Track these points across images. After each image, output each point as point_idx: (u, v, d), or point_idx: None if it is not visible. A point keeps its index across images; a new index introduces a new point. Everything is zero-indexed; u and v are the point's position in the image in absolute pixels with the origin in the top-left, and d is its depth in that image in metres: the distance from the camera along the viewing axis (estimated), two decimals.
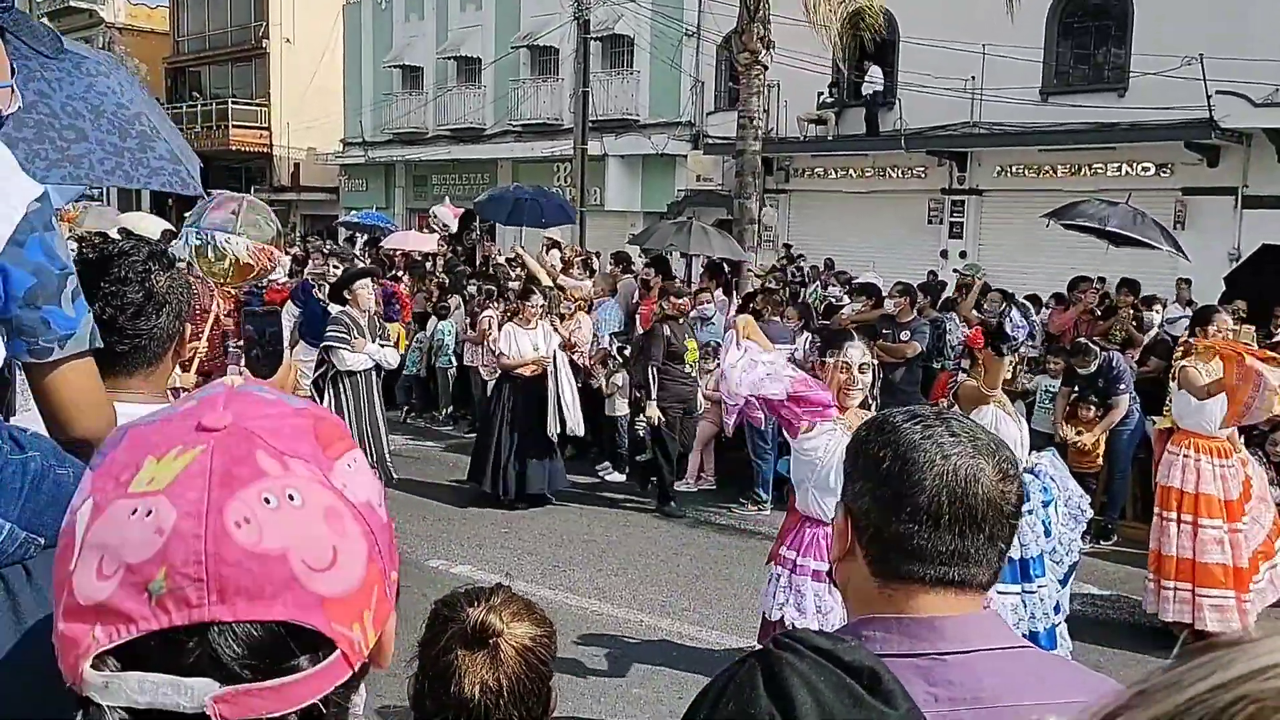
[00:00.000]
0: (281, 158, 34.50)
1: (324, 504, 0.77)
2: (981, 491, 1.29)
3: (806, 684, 0.90)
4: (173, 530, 0.72)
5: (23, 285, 1.27)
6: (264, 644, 0.73)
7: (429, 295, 13.35)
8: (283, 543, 0.73)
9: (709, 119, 22.24)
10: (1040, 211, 12.10)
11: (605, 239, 19.82)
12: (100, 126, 2.46)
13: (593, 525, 8.62)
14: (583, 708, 5.06)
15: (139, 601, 0.71)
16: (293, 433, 0.79)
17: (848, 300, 12.39)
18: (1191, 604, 6.17)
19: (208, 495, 0.73)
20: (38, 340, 1.30)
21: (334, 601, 0.75)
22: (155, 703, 0.71)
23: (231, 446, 0.76)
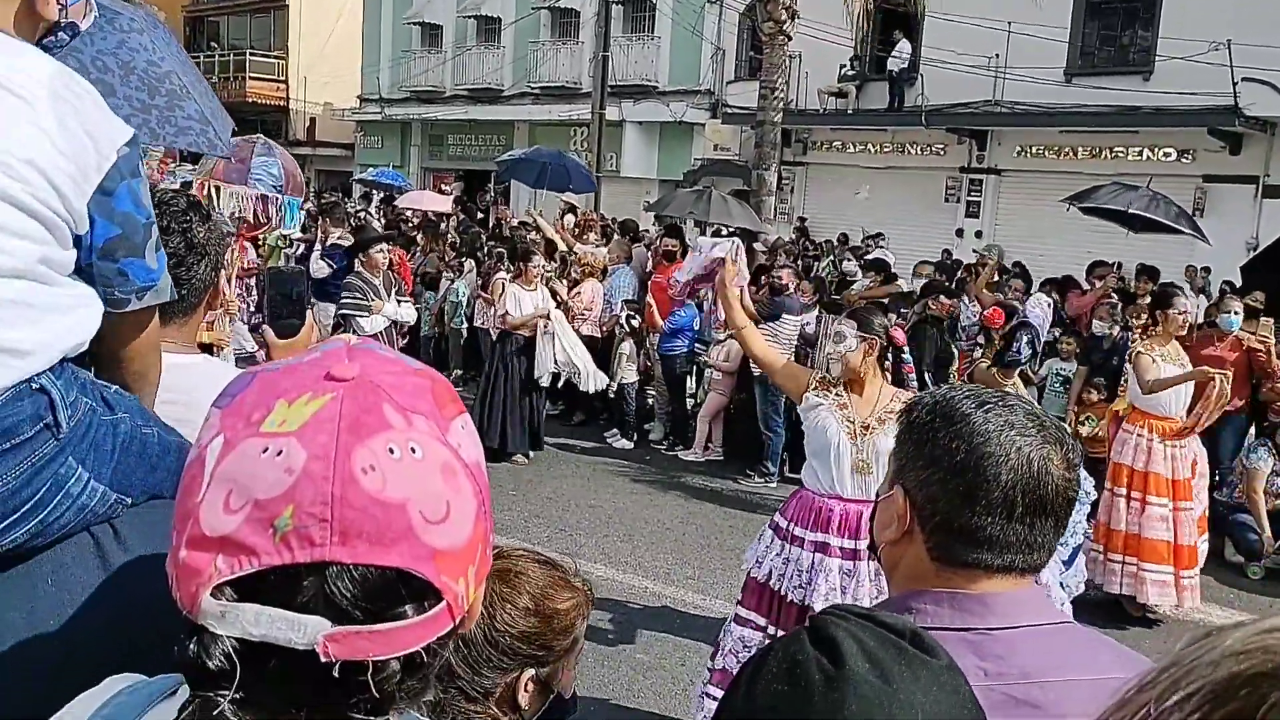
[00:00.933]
0: (298, 112, 34.38)
1: (441, 459, 0.79)
2: (1052, 482, 1.29)
3: (851, 635, 0.92)
4: (302, 471, 0.74)
5: (104, 236, 1.22)
6: (377, 588, 0.75)
7: (442, 256, 13.33)
8: (404, 493, 0.76)
9: (729, 88, 22.10)
10: (1060, 193, 12.04)
11: (621, 205, 19.77)
12: (129, 83, 2.46)
13: (600, 492, 8.65)
14: (586, 670, 5.10)
15: (264, 537, 0.74)
16: (414, 390, 0.82)
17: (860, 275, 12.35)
18: (1135, 578, 6.38)
19: (337, 440, 0.75)
20: (114, 291, 1.26)
21: (444, 554, 0.78)
22: (269, 635, 0.74)
23: (360, 397, 0.78)
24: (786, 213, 20.08)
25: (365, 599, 0.75)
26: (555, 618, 1.65)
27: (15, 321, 1.11)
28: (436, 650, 0.80)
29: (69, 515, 1.17)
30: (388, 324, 8.07)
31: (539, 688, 1.65)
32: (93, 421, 1.21)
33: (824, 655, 0.91)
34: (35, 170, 1.10)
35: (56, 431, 1.15)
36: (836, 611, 0.97)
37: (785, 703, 0.90)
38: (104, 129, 1.21)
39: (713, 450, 9.91)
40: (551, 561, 1.74)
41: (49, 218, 1.13)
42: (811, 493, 4.18)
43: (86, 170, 1.16)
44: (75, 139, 1.15)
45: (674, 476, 9.26)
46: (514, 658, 1.60)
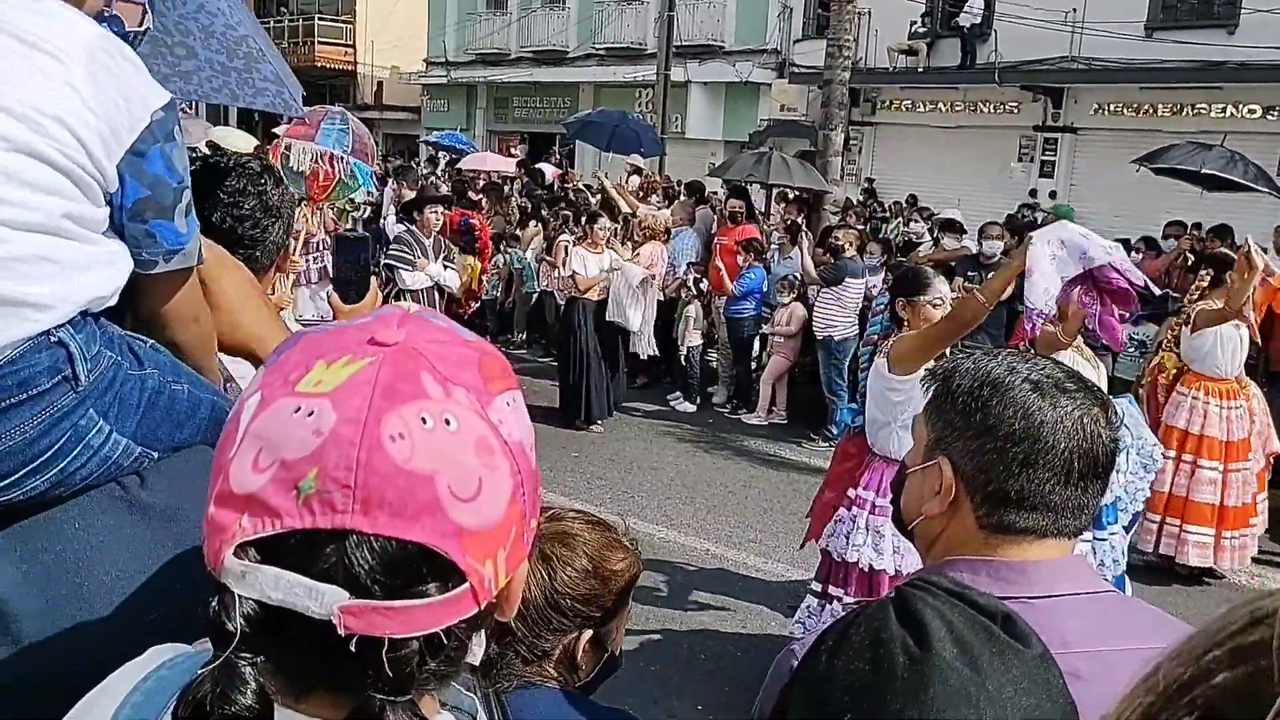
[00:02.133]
0: (365, 76, 34.63)
1: (477, 434, 0.77)
2: (1102, 444, 1.29)
3: (940, 615, 0.89)
4: (330, 433, 0.73)
5: (134, 196, 1.23)
6: (397, 562, 0.73)
7: (507, 218, 13.39)
8: (432, 465, 0.74)
9: (796, 47, 21.74)
10: (1139, 152, 11.67)
11: (685, 167, 19.63)
12: (209, 46, 2.51)
13: (662, 454, 8.67)
14: (647, 630, 5.14)
15: (287, 498, 0.73)
16: (459, 360, 0.80)
17: (928, 237, 12.14)
18: (1177, 539, 6.38)
19: (369, 405, 0.74)
20: (141, 252, 1.27)
21: (471, 534, 0.75)
22: (286, 601, 0.73)
23: (399, 363, 0.77)
24: (854, 174, 19.76)
25: (384, 573, 0.73)
26: (612, 579, 1.65)
27: (36, 276, 1.12)
28: (461, 634, 0.78)
29: (91, 466, 1.19)
30: (430, 284, 8.16)
31: (594, 647, 1.66)
32: (117, 376, 1.23)
33: (910, 635, 0.88)
34: (63, 126, 1.11)
35: (75, 384, 1.17)
36: (924, 584, 0.95)
37: (865, 681, 0.88)
38: (140, 92, 1.21)
39: (776, 414, 9.87)
40: (603, 523, 1.74)
41: (77, 174, 1.14)
42: (890, 460, 4.15)
43: (118, 130, 1.17)
44: (108, 99, 1.15)
45: (737, 440, 9.25)
46: (573, 619, 1.61)
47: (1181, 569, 6.44)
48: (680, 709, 4.63)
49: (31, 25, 1.11)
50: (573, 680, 1.65)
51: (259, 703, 0.73)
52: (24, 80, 1.09)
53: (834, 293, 9.16)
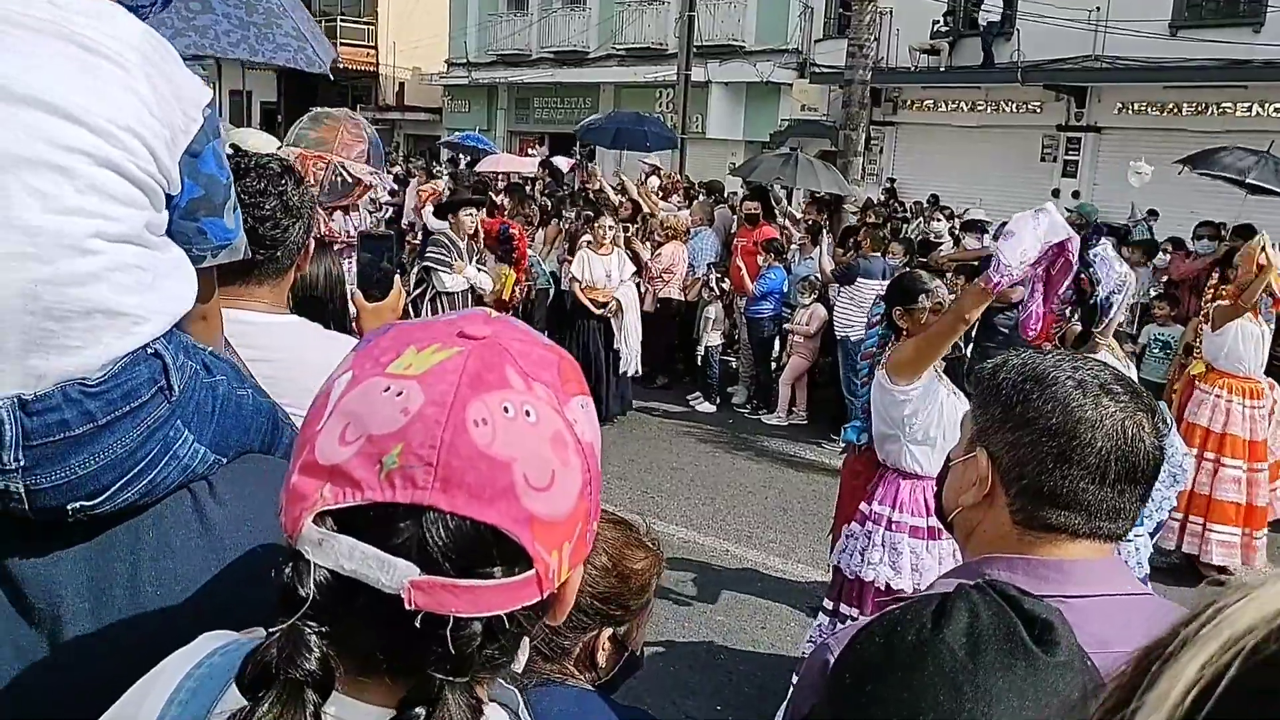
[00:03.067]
0: (387, 77, 34.80)
1: (554, 428, 0.80)
2: (1144, 449, 1.28)
3: (971, 608, 0.91)
4: (417, 413, 0.76)
5: (189, 196, 1.23)
6: (470, 542, 0.76)
7: (528, 219, 13.41)
8: (511, 452, 0.77)
9: (817, 47, 21.70)
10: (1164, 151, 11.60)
11: (706, 167, 19.63)
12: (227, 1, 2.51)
13: (681, 455, 8.67)
14: (666, 630, 5.14)
15: (371, 471, 0.76)
16: (540, 360, 0.84)
17: (948, 238, 12.07)
18: (1200, 537, 6.34)
19: (456, 390, 0.77)
20: (191, 249, 1.27)
21: (542, 523, 0.78)
22: (358, 571, 0.75)
23: (486, 355, 0.80)
24: (875, 173, 19.69)
25: (456, 551, 0.75)
26: (632, 577, 1.66)
27: (133, 287, 1.13)
28: (521, 621, 0.80)
29: (174, 476, 1.20)
30: (467, 286, 8.14)
31: (614, 646, 1.66)
32: (196, 385, 1.24)
33: (930, 620, 0.91)
34: (134, 137, 1.11)
35: (169, 395, 1.18)
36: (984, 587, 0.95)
37: (873, 653, 0.91)
38: (189, 91, 1.21)
39: (796, 414, 9.85)
40: (624, 521, 1.74)
41: (148, 183, 1.14)
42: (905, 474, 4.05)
43: (176, 133, 1.17)
44: (165, 102, 1.15)
45: (757, 440, 9.24)
46: (593, 617, 1.62)
47: (1204, 568, 6.38)
48: (699, 709, 4.63)
49: (90, 28, 1.10)
50: (592, 678, 1.65)
51: (322, 670, 0.75)
52: (94, 90, 1.08)
53: (851, 293, 9.13)
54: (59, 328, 1.08)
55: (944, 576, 1.54)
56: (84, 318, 1.09)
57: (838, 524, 4.63)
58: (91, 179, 1.08)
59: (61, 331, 1.08)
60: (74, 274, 1.07)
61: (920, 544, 3.99)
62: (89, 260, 1.08)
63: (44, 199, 1.05)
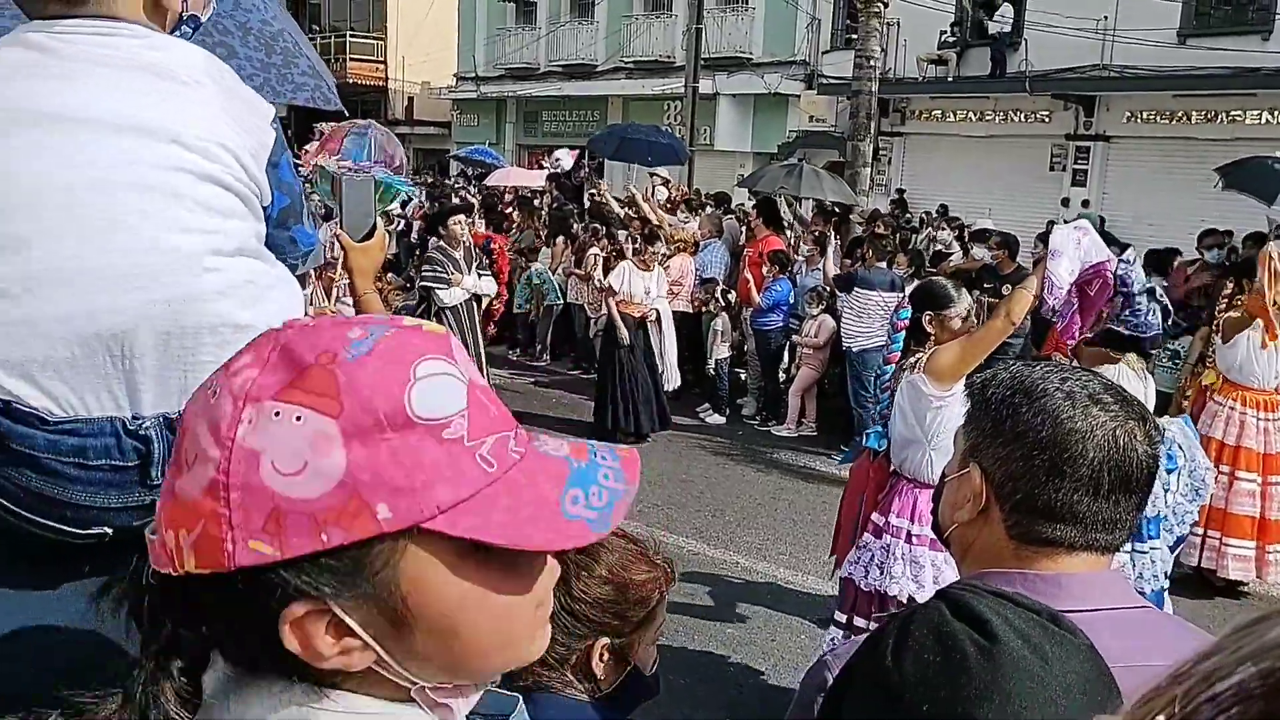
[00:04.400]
0: (396, 91, 34.92)
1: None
2: (1137, 459, 1.26)
3: (995, 611, 0.90)
4: None
5: (278, 206, 1.25)
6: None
7: (537, 232, 13.44)
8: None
9: (824, 58, 21.72)
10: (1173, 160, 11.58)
11: (714, 179, 19.64)
12: (248, 43, 2.52)
13: (691, 467, 8.66)
14: (676, 644, 5.13)
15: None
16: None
17: (957, 247, 12.06)
18: (1217, 551, 6.28)
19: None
20: (285, 259, 1.29)
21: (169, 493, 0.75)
22: None
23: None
24: (884, 184, 19.68)
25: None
26: (630, 589, 1.66)
27: (250, 301, 1.14)
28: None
29: None
30: (468, 296, 8.16)
31: (614, 658, 1.66)
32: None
33: (973, 628, 0.89)
34: (226, 151, 1.14)
35: None
36: (968, 588, 0.95)
37: (938, 674, 0.88)
38: (258, 106, 1.24)
39: (805, 425, 9.83)
40: (632, 537, 1.75)
41: (246, 195, 1.17)
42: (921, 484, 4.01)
43: (258, 146, 1.20)
44: (243, 118, 1.18)
45: (766, 452, 9.22)
46: (587, 624, 1.63)
47: (1220, 582, 6.34)
48: None
49: (157, 59, 1.13)
50: (594, 690, 1.65)
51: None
52: (181, 111, 1.10)
53: (853, 303, 9.12)
54: (192, 344, 1.10)
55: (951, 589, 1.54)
56: (212, 333, 1.11)
57: (844, 531, 4.54)
58: (197, 196, 1.10)
59: (195, 348, 1.11)
60: (200, 291, 1.10)
61: (940, 555, 3.96)
62: (212, 278, 1.11)
63: (159, 220, 1.08)
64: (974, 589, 0.95)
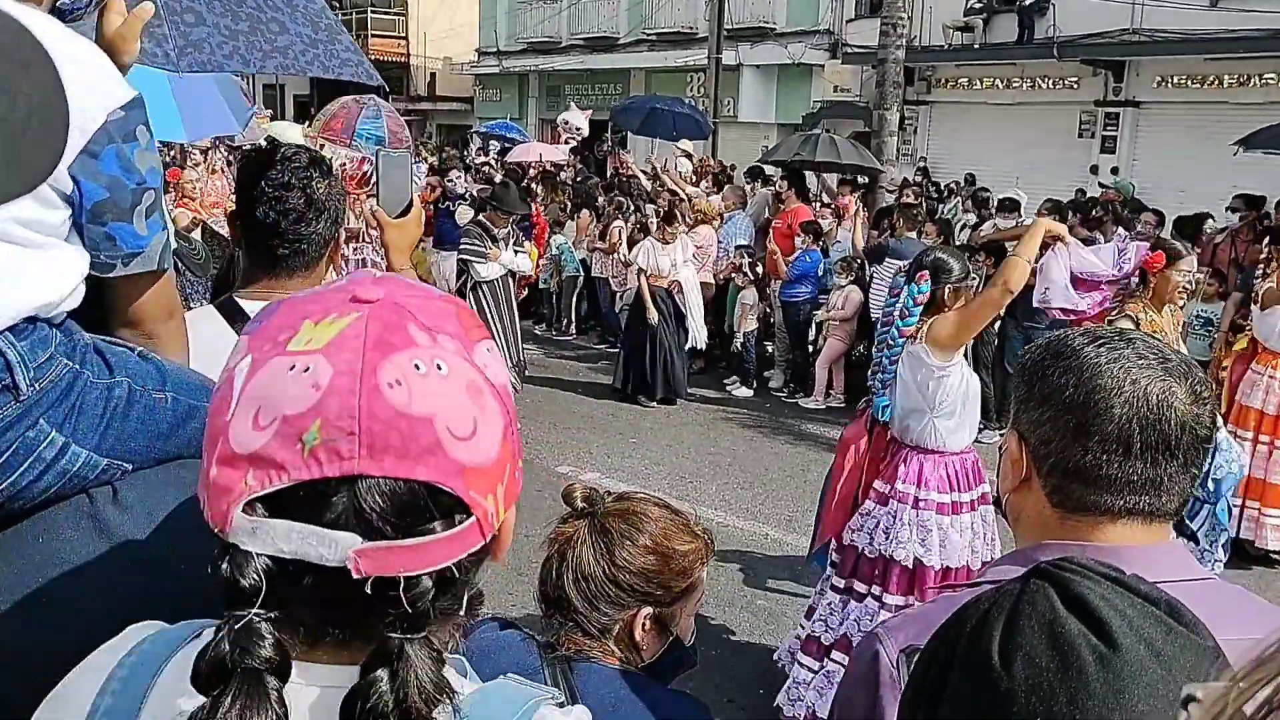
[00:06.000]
0: (418, 67, 34.88)
1: (468, 378, 0.80)
2: (1175, 416, 1.22)
3: (1111, 605, 0.84)
4: (329, 386, 0.75)
5: (92, 199, 1.20)
6: (406, 503, 0.76)
7: (562, 206, 13.43)
8: (430, 407, 0.77)
9: (848, 27, 21.48)
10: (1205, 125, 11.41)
11: (738, 151, 19.52)
12: (297, 19, 2.55)
13: (719, 439, 8.66)
14: (706, 614, 5.15)
15: (292, 452, 0.75)
16: (439, 312, 0.83)
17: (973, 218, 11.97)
18: (1256, 521, 6.23)
19: (363, 356, 0.77)
20: (100, 255, 1.24)
21: (473, 470, 0.78)
22: (300, 552, 0.75)
23: (385, 316, 0.79)
24: (909, 154, 19.50)
25: (395, 514, 0.76)
26: (673, 558, 1.67)
27: None
28: (467, 568, 0.81)
29: (49, 479, 1.15)
30: (504, 272, 8.31)
31: (657, 628, 1.67)
32: (74, 385, 1.18)
33: (1090, 630, 0.83)
34: None
35: (16, 394, 1.12)
36: (1076, 568, 0.89)
37: (1054, 682, 0.82)
38: (96, 91, 1.17)
39: (833, 397, 9.81)
40: (674, 508, 1.76)
41: None
42: (956, 454, 4.12)
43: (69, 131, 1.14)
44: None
45: (794, 424, 9.21)
46: (631, 594, 1.64)
47: (1258, 551, 6.30)
48: (740, 692, 4.64)
49: None
50: (635, 660, 1.66)
51: (277, 654, 0.75)
52: None
53: (882, 274, 9.08)
54: None
55: (997, 563, 1.51)
56: None
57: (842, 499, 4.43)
58: None
59: None
60: None
61: (945, 519, 4.07)
62: None
63: None
64: (1083, 569, 0.89)
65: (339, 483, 0.75)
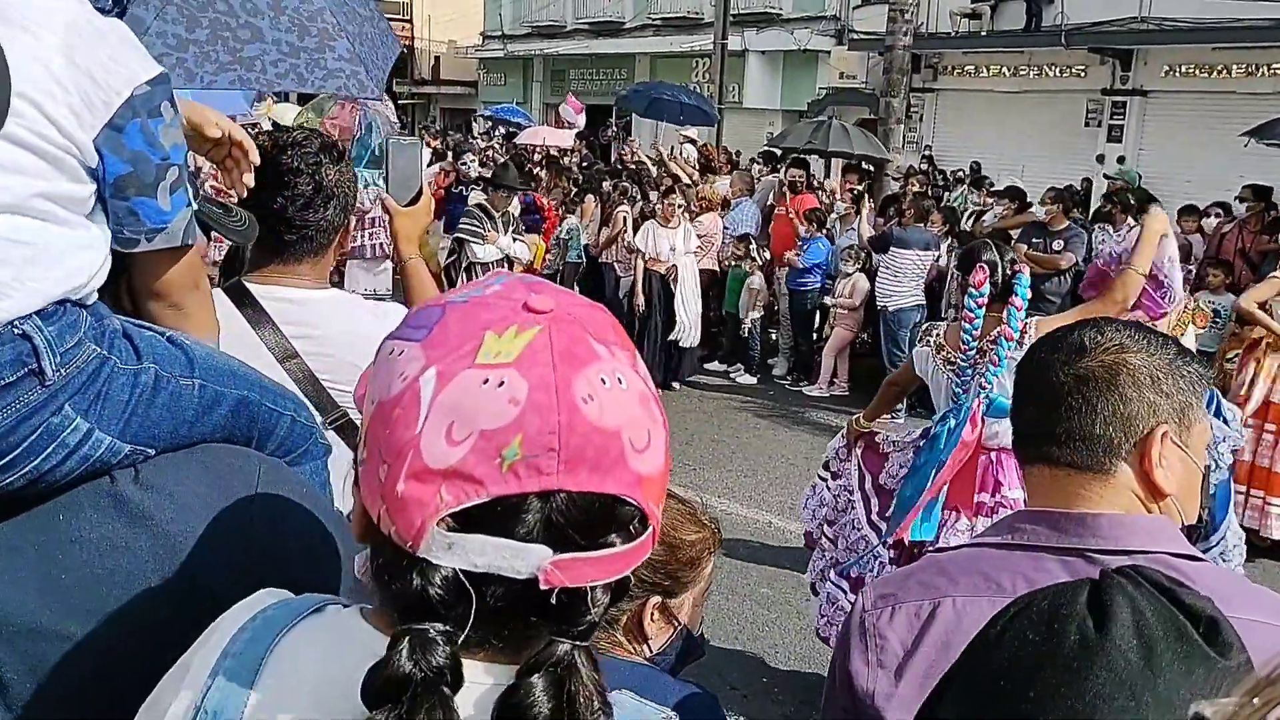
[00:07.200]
0: (423, 51, 34.80)
1: (640, 389, 0.82)
2: (1053, 371, 1.32)
3: (1132, 605, 0.84)
4: (527, 401, 0.76)
5: (115, 173, 1.19)
6: (594, 515, 0.78)
7: (565, 192, 13.39)
8: (617, 421, 0.78)
9: (855, 13, 21.39)
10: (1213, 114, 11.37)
11: (743, 137, 19.47)
12: (279, 25, 2.44)
13: (722, 427, 8.66)
14: (710, 602, 5.14)
15: (491, 467, 0.75)
16: (601, 323, 0.84)
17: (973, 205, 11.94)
18: (1261, 511, 6.23)
19: (554, 370, 0.77)
20: (123, 230, 1.23)
21: (648, 480, 0.80)
22: (492, 565, 0.76)
23: (564, 329, 0.80)
24: (915, 141, 19.44)
25: (584, 526, 0.77)
26: (681, 548, 1.67)
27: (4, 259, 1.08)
28: (637, 577, 0.83)
29: (72, 464, 1.15)
30: (500, 256, 8.31)
31: (665, 618, 1.66)
32: (101, 370, 1.18)
33: (1092, 617, 0.84)
34: (25, 101, 1.07)
35: (42, 379, 1.12)
36: (1132, 574, 0.88)
37: (1029, 653, 0.85)
38: (121, 65, 1.17)
39: (837, 385, 9.79)
40: (681, 498, 1.75)
41: (48, 151, 1.10)
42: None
43: (92, 103, 1.13)
44: (80, 72, 1.12)
45: (798, 412, 9.20)
46: (639, 585, 1.63)
47: (1264, 542, 6.27)
48: (743, 681, 4.64)
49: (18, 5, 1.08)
50: (643, 651, 1.65)
51: (452, 664, 0.76)
52: None
53: (889, 263, 9.05)
54: None
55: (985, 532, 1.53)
56: None
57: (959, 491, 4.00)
58: None
59: None
60: None
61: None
62: None
63: None
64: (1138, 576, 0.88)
65: (533, 497, 0.76)
